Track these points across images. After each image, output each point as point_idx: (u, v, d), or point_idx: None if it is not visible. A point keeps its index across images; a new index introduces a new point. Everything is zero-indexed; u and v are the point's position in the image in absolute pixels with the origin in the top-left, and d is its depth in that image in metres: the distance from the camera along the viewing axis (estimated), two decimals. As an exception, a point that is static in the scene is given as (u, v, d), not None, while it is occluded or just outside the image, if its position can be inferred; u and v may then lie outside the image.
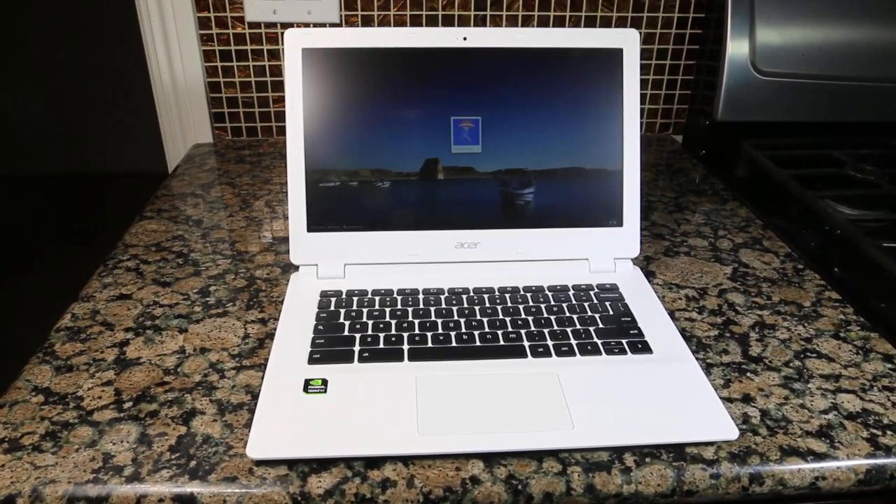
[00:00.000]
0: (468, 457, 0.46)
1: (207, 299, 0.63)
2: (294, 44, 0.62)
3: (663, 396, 0.50)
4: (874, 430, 0.49)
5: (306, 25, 0.92)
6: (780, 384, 0.54)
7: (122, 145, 1.27)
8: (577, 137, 0.65)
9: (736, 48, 0.87)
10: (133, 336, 0.58)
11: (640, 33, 0.97)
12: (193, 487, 0.44)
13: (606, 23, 0.96)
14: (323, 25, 0.93)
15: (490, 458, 0.46)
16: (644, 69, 1.00)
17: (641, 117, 1.04)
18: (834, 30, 0.87)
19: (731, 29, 0.87)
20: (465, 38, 0.64)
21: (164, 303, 0.62)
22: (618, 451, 0.47)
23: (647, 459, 0.46)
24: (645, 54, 0.99)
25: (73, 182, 1.39)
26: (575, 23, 0.95)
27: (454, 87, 0.64)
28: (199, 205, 0.80)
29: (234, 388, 0.52)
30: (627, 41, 0.65)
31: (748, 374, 0.55)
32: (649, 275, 0.68)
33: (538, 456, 0.47)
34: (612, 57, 0.65)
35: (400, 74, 0.63)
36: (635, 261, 0.70)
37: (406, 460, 0.46)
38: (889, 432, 0.49)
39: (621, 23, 0.96)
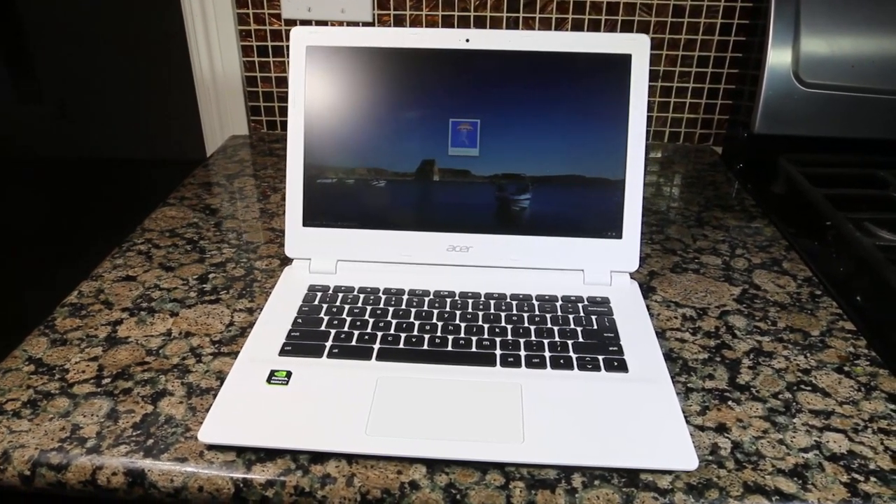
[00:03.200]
0: (412, 461, 0.46)
1: (204, 286, 0.65)
2: (299, 41, 0.64)
3: (626, 418, 0.48)
4: (856, 475, 0.45)
5: (340, 24, 0.94)
6: (761, 416, 0.50)
7: (167, 134, 1.35)
8: (579, 145, 0.63)
9: (777, 57, 0.82)
10: (128, 316, 0.61)
11: (680, 39, 0.93)
12: (145, 464, 0.46)
13: (644, 27, 0.92)
14: (356, 24, 0.94)
15: (434, 465, 0.46)
16: (684, 77, 0.96)
17: (679, 126, 1.00)
18: (889, 40, 0.81)
19: (772, 37, 0.82)
20: (467, 40, 0.63)
21: (164, 286, 0.65)
22: (567, 471, 0.45)
23: (597, 482, 0.45)
24: (685, 61, 0.95)
25: (124, 167, 1.49)
26: (611, 27, 0.93)
27: (455, 88, 0.63)
28: (220, 194, 0.83)
29: (207, 372, 0.54)
30: (636, 47, 0.62)
31: (729, 403, 0.52)
32: (650, 291, 0.65)
33: (483, 467, 0.46)
34: (620, 63, 0.63)
35: (401, 74, 0.64)
36: (636, 275, 0.67)
37: (351, 459, 0.46)
38: (873, 479, 0.45)
39: (660, 28, 0.92)
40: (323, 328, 0.57)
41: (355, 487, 0.45)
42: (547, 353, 0.54)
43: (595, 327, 0.58)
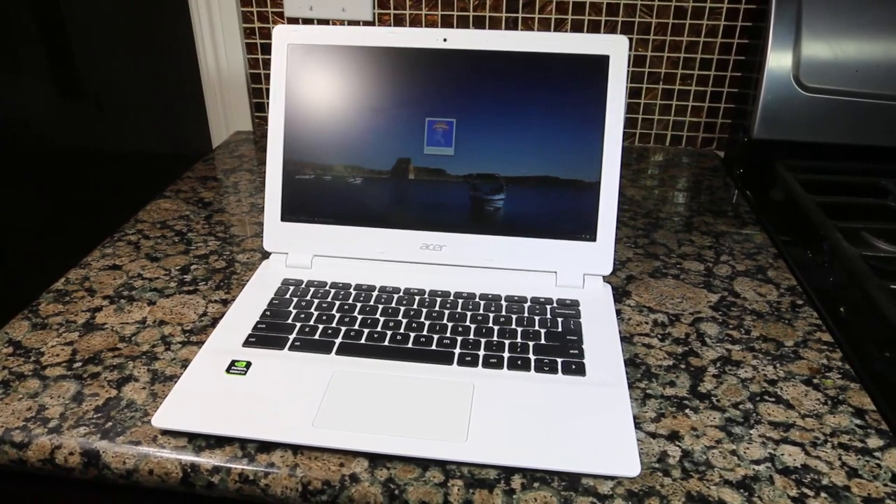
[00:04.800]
0: (355, 454, 0.47)
1: (185, 276, 0.67)
2: (281, 39, 0.65)
3: (574, 421, 0.48)
4: (806, 490, 0.44)
5: (341, 22, 0.95)
6: (718, 426, 0.49)
7: (176, 129, 1.39)
8: (554, 146, 0.63)
9: (777, 60, 0.80)
10: (108, 303, 0.63)
11: (682, 42, 0.92)
12: (101, 445, 0.47)
13: (645, 29, 0.91)
14: (357, 23, 0.95)
15: (376, 459, 0.46)
16: (686, 79, 0.94)
17: (681, 130, 0.98)
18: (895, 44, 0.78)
19: (772, 39, 0.80)
20: (445, 40, 0.63)
21: (147, 276, 0.67)
22: (508, 472, 0.45)
23: (536, 484, 0.45)
24: (687, 64, 0.93)
25: (136, 160, 1.54)
26: (611, 28, 0.92)
27: (431, 87, 0.64)
28: (215, 188, 0.85)
29: (174, 360, 0.56)
30: (615, 48, 0.62)
31: (686, 411, 0.51)
32: (624, 295, 0.65)
33: (425, 464, 0.46)
34: (598, 64, 0.62)
35: (379, 73, 0.64)
36: (613, 279, 0.67)
37: (296, 449, 0.47)
38: (823, 495, 0.44)
39: (661, 30, 0.91)
40: (289, 321, 0.58)
41: (297, 477, 0.45)
42: (506, 354, 0.54)
43: (559, 330, 0.57)
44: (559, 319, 0.59)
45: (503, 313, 0.59)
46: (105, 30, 1.45)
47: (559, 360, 0.54)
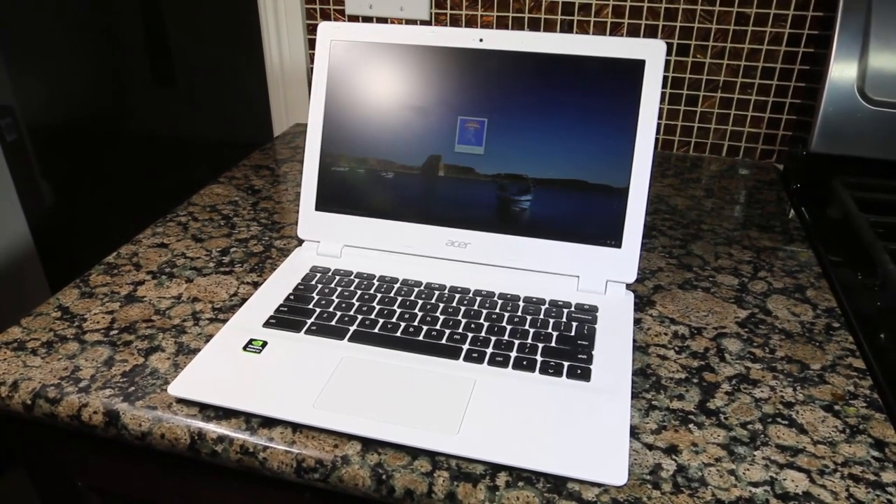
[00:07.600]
0: (350, 438, 0.48)
1: (224, 258, 0.71)
2: (325, 35, 0.67)
3: (569, 425, 0.48)
4: (804, 518, 0.42)
5: (399, 21, 0.97)
6: (721, 444, 0.48)
7: (243, 119, 1.47)
8: (585, 149, 0.62)
9: (840, 71, 0.76)
10: (150, 278, 0.67)
11: (743, 49, 0.88)
12: (121, 407, 0.51)
13: (704, 35, 0.88)
14: (414, 22, 0.97)
15: (370, 444, 0.48)
16: (746, 88, 0.90)
17: (739, 140, 0.94)
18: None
19: (836, 48, 0.76)
20: (481, 40, 0.64)
21: (189, 255, 0.71)
22: (495, 468, 0.46)
23: (521, 484, 0.45)
24: (748, 72, 0.89)
25: (213, 148, 1.64)
26: (668, 33, 0.89)
27: (465, 87, 0.65)
28: (266, 177, 0.89)
29: (199, 335, 0.59)
30: (651, 53, 0.61)
31: (690, 426, 0.49)
32: (648, 304, 0.63)
33: (416, 453, 0.47)
34: (633, 69, 0.61)
35: (416, 70, 0.66)
36: (639, 287, 0.65)
37: (296, 427, 0.49)
38: (822, 524, 0.42)
39: (721, 36, 0.88)
40: (310, 306, 0.60)
41: (293, 454, 0.47)
42: (513, 354, 0.55)
43: (572, 334, 0.57)
44: (574, 324, 0.58)
45: (519, 314, 0.59)
46: (191, 24, 1.54)
47: (565, 364, 0.53)
